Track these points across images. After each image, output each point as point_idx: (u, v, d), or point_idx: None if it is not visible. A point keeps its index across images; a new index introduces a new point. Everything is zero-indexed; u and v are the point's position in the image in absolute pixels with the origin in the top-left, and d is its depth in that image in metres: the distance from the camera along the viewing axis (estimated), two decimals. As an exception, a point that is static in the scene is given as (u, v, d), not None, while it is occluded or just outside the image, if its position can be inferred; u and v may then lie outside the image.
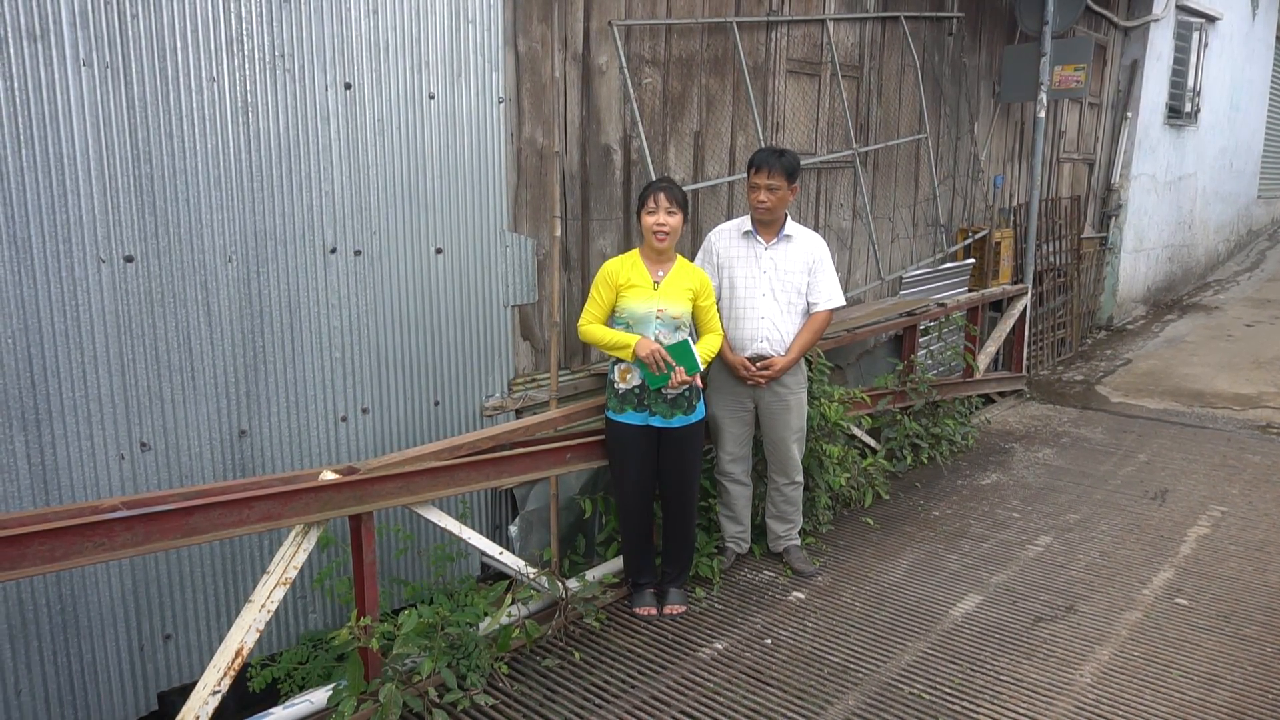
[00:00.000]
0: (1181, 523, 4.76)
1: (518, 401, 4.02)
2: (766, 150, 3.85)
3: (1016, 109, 7.79)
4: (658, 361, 3.38)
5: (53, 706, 2.87)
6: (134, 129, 2.82)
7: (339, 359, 3.42)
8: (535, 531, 4.12)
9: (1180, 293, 11.46)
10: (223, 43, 2.97)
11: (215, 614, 3.22)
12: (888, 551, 4.38)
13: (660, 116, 4.55)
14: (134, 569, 3.00)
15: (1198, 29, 10.22)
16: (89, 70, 2.70)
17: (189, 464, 3.08)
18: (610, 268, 3.52)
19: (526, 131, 3.92)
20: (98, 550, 2.43)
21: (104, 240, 2.80)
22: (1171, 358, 8.77)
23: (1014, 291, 7.51)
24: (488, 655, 3.16)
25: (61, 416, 2.78)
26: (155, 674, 3.10)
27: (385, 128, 3.42)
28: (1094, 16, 8.47)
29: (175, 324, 2.99)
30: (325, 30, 3.21)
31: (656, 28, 4.44)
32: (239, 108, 3.04)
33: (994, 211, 7.75)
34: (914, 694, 3.16)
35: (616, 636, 3.56)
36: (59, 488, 2.80)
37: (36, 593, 2.80)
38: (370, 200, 3.42)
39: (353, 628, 2.90)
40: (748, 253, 3.93)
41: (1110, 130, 9.44)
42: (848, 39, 5.78)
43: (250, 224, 3.12)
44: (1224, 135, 11.60)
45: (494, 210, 3.83)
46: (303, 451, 3.37)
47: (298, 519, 2.81)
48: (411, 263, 3.59)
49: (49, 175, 2.67)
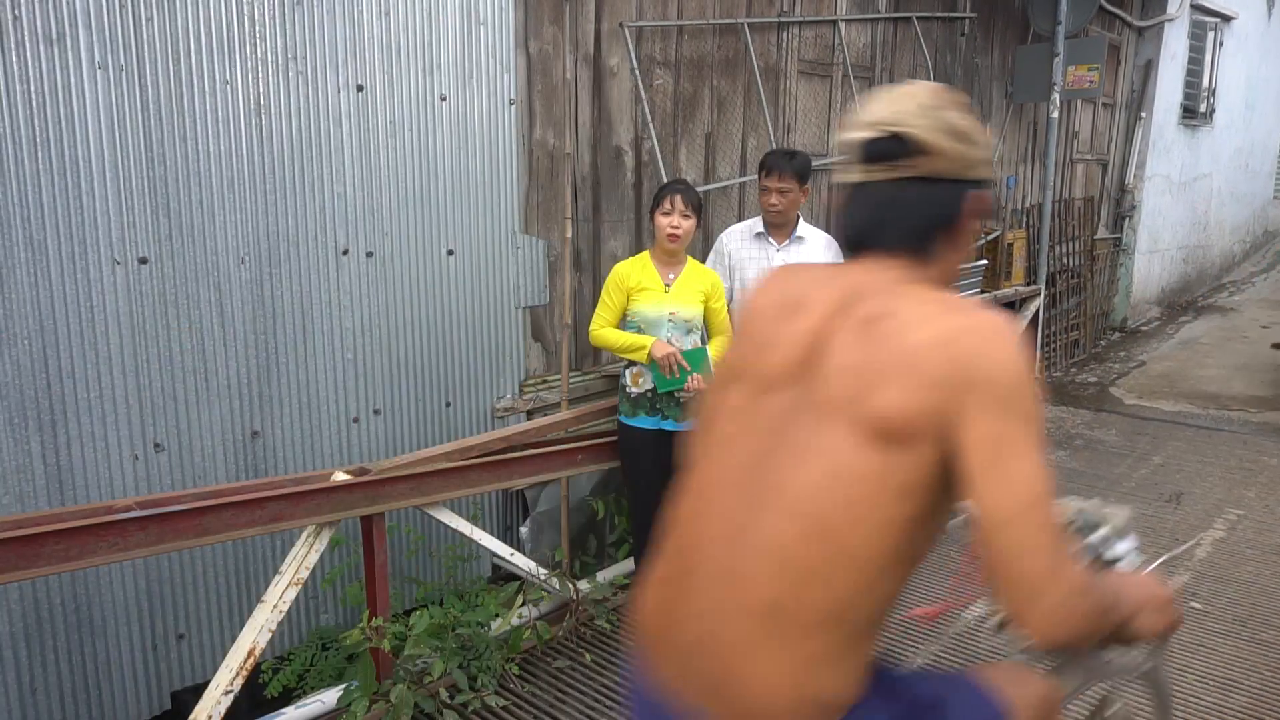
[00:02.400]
0: (1197, 526, 4.72)
1: (529, 403, 4.02)
2: (777, 152, 3.84)
3: (1029, 109, 7.75)
4: (671, 365, 3.38)
5: (67, 705, 2.88)
6: (148, 131, 2.83)
7: (351, 360, 3.43)
8: (546, 533, 4.11)
9: (1195, 294, 11.38)
10: (236, 45, 2.98)
11: (228, 614, 3.23)
12: (900, 554, 4.35)
13: (671, 118, 4.55)
14: (147, 569, 3.01)
15: (1213, 28, 10.15)
16: (104, 73, 2.72)
17: (202, 464, 3.10)
18: (621, 271, 3.51)
19: (538, 133, 3.93)
20: (112, 550, 2.44)
21: (119, 242, 2.82)
22: (1186, 359, 8.71)
23: (1027, 293, 7.47)
24: (499, 656, 3.16)
25: (76, 417, 2.80)
26: (168, 673, 3.11)
27: (397, 129, 3.43)
28: (1108, 16, 8.42)
29: (189, 325, 3.00)
30: (337, 32, 3.22)
31: (668, 29, 4.44)
32: (252, 110, 3.05)
33: (1007, 212, 7.71)
34: (926, 697, 3.14)
35: (627, 638, 3.55)
36: (74, 488, 2.82)
37: (51, 592, 2.82)
38: (382, 202, 3.43)
39: (364, 628, 2.91)
40: (759, 254, 3.91)
41: (1124, 131, 9.38)
42: (859, 40, 5.76)
43: (263, 225, 3.13)
44: (1239, 135, 11.52)
45: (505, 212, 3.83)
46: (315, 452, 3.38)
47: (310, 520, 2.82)
48: (423, 264, 3.60)
49: (64, 177, 2.69)
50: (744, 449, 1.27)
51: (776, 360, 1.28)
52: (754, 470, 1.24)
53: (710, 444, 1.33)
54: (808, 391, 1.23)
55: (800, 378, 1.25)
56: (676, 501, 1.36)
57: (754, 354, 1.32)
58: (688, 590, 1.26)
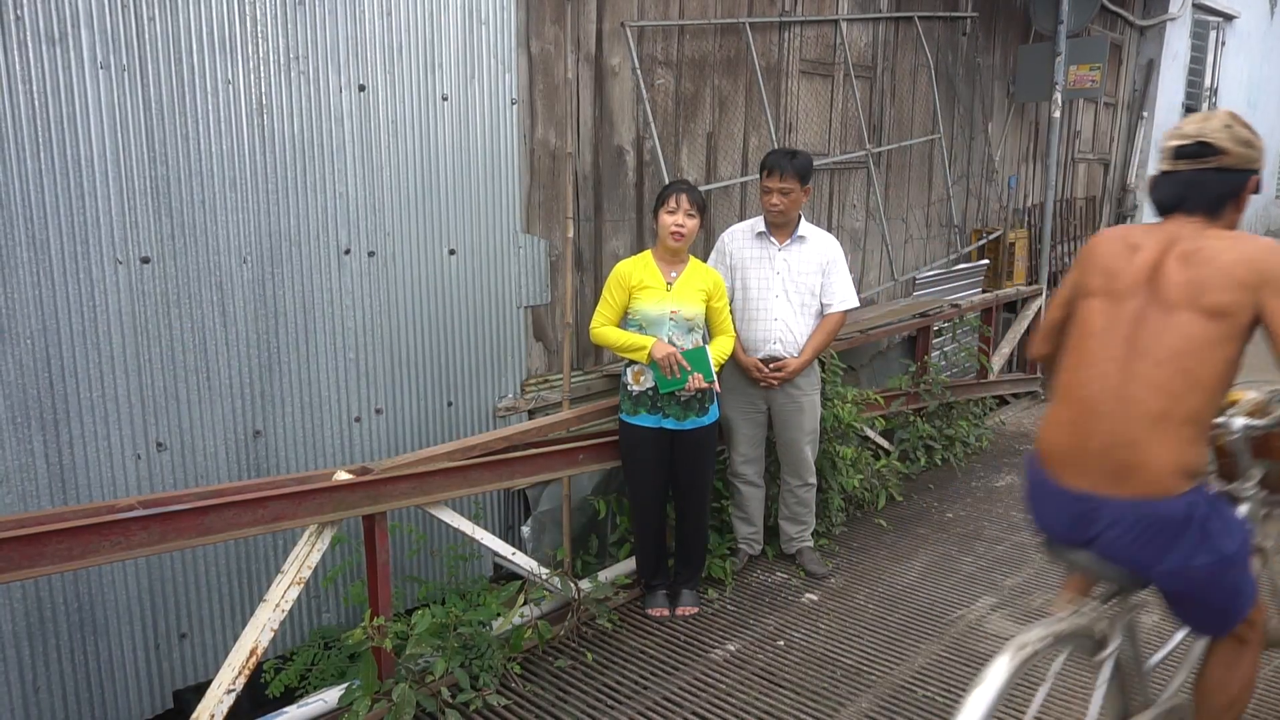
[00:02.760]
0: (1198, 525, 4.72)
1: (530, 402, 4.02)
2: (779, 152, 3.84)
3: (1031, 109, 7.75)
4: (672, 366, 3.38)
5: (70, 703, 2.89)
6: (150, 131, 2.84)
7: (353, 359, 3.44)
8: (548, 532, 4.12)
9: (1197, 293, 11.36)
10: (238, 45, 2.99)
11: (230, 613, 3.24)
12: (901, 553, 4.36)
13: (673, 117, 4.55)
14: (150, 568, 3.02)
15: (1215, 28, 10.14)
16: (106, 73, 2.73)
17: (204, 464, 3.10)
18: (622, 269, 3.51)
19: (539, 133, 3.93)
20: (114, 549, 2.45)
21: (121, 242, 2.82)
22: (1188, 359, 8.69)
23: (1028, 292, 7.47)
24: (500, 655, 3.17)
25: (79, 416, 2.80)
26: (171, 672, 3.12)
27: (399, 129, 3.44)
28: (1109, 16, 8.42)
29: (191, 325, 3.01)
30: (339, 32, 3.22)
31: (669, 29, 4.44)
32: (254, 109, 3.05)
33: (1008, 212, 7.71)
34: (928, 697, 3.14)
35: (629, 637, 3.56)
36: (76, 487, 2.83)
37: (54, 591, 2.83)
38: (384, 201, 3.44)
39: (366, 627, 2.91)
40: (761, 254, 3.92)
41: (1126, 130, 9.38)
42: (861, 39, 5.76)
43: (265, 225, 3.14)
44: (1241, 135, 11.49)
45: (507, 211, 3.84)
46: (317, 452, 3.39)
47: (312, 519, 2.82)
48: (425, 264, 3.60)
49: (67, 177, 2.70)
50: (1114, 334, 2.07)
51: (1127, 281, 2.09)
52: (1126, 343, 2.05)
53: (1085, 335, 2.13)
54: (1154, 297, 2.04)
55: (1146, 290, 2.06)
56: (1068, 372, 2.16)
57: (1107, 279, 2.13)
58: (1093, 417, 2.05)
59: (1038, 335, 2.43)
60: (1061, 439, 2.13)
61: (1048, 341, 2.36)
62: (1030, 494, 2.23)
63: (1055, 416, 2.17)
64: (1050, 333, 2.34)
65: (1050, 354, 2.37)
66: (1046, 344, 2.37)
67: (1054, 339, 2.32)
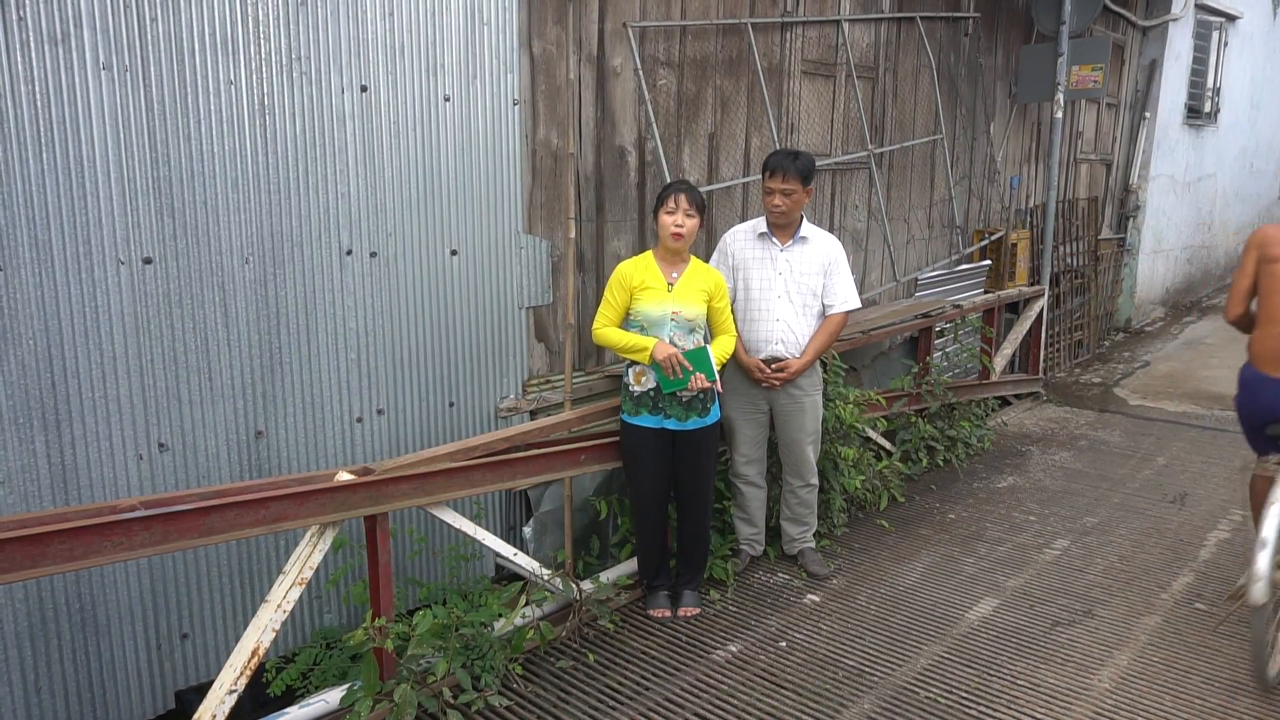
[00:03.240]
0: (1201, 527, 4.72)
1: (532, 403, 4.02)
2: (781, 153, 3.84)
3: (1033, 109, 7.74)
4: (674, 366, 3.38)
5: (72, 704, 2.89)
6: (153, 132, 2.84)
7: (355, 360, 3.44)
8: (550, 533, 4.12)
9: (1200, 294, 11.36)
10: (240, 46, 2.99)
11: (232, 613, 3.24)
12: (903, 554, 4.36)
13: (675, 118, 4.55)
14: (152, 568, 3.02)
15: (1217, 28, 10.13)
16: (109, 74, 2.73)
17: (206, 464, 3.10)
18: (624, 270, 3.51)
19: (541, 133, 3.93)
20: (116, 549, 2.45)
21: (123, 242, 2.82)
22: (1190, 360, 8.69)
23: (1030, 293, 7.46)
24: (502, 656, 3.17)
25: (81, 417, 2.81)
26: (172, 673, 3.12)
27: (401, 130, 3.44)
28: (1112, 16, 8.41)
29: (193, 325, 3.01)
30: (341, 33, 3.22)
31: (671, 29, 4.44)
32: (256, 110, 3.06)
33: (1010, 213, 7.70)
34: (930, 698, 3.14)
35: (631, 638, 3.55)
36: (78, 487, 2.83)
37: (56, 592, 2.83)
38: (386, 202, 3.44)
39: (368, 628, 2.91)
40: (763, 254, 3.91)
41: (1128, 131, 9.37)
42: (863, 40, 5.76)
43: (267, 226, 3.14)
44: (1244, 135, 11.49)
45: (509, 212, 3.84)
46: (319, 452, 3.39)
47: (314, 519, 2.82)
48: (427, 264, 3.60)
49: (69, 178, 2.70)
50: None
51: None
52: None
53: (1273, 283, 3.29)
54: None
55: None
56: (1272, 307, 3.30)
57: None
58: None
59: (1231, 301, 3.46)
60: (1274, 346, 3.28)
61: (1241, 303, 3.42)
62: (1245, 389, 3.39)
63: (1265, 334, 3.32)
64: (1243, 296, 3.42)
65: (1243, 314, 3.44)
66: (1241, 305, 3.43)
67: (1245, 301, 3.42)
